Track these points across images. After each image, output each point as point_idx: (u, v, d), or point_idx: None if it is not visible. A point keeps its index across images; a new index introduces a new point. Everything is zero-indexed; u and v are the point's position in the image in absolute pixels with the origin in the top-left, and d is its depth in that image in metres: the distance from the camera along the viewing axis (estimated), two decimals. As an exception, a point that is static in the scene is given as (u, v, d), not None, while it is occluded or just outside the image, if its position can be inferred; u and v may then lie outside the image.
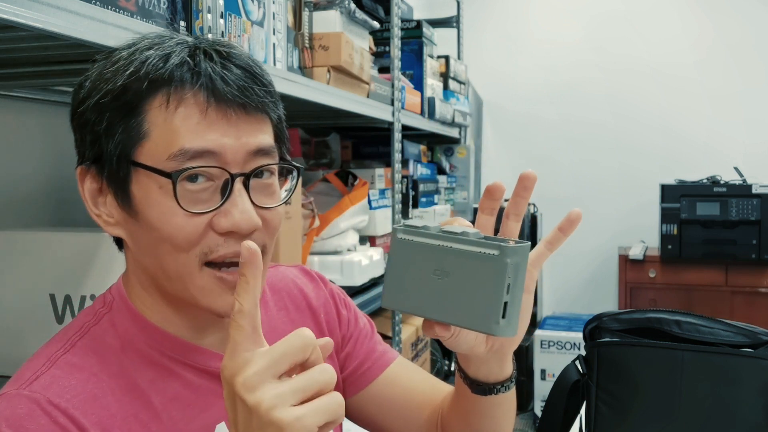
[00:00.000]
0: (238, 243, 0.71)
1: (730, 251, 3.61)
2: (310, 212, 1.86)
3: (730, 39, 4.02)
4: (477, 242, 0.65)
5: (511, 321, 0.64)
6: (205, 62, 0.72)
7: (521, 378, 3.63)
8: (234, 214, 0.72)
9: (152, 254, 0.74)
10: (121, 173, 0.72)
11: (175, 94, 0.71)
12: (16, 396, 0.68)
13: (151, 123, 0.71)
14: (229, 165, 0.72)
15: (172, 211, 0.71)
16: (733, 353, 1.09)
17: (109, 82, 0.72)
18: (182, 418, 0.76)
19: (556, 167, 4.28)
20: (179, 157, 0.70)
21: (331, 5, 1.79)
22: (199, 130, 0.71)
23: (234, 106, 0.72)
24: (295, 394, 0.57)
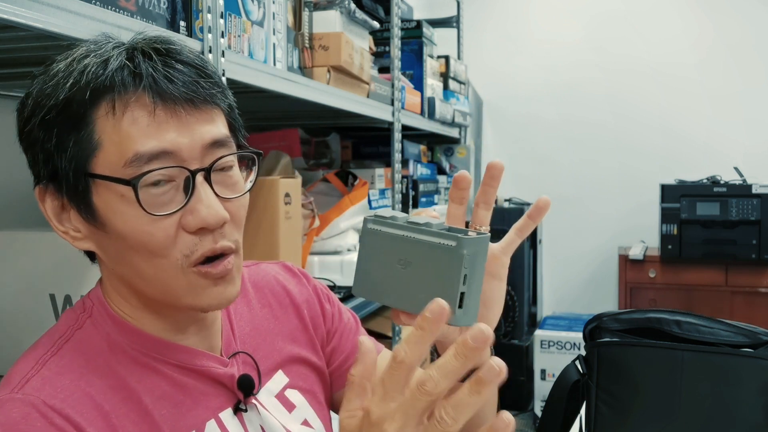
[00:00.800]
0: (213, 239, 0.72)
1: (730, 251, 3.61)
2: (310, 212, 1.86)
3: (730, 39, 4.02)
4: (438, 233, 0.66)
5: (469, 311, 0.65)
6: (145, 63, 0.70)
7: (521, 378, 3.63)
8: (201, 210, 0.71)
9: (126, 263, 0.74)
10: (79, 188, 0.71)
11: (119, 100, 0.69)
12: (8, 400, 0.67)
13: (100, 132, 0.69)
14: (187, 162, 0.71)
15: (139, 219, 0.70)
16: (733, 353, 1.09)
17: (51, 97, 0.70)
18: (172, 416, 0.75)
19: (556, 167, 4.28)
20: (135, 163, 0.69)
21: (331, 5, 1.79)
22: (149, 132, 0.69)
23: (181, 102, 0.70)
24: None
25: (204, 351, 0.81)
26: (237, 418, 0.81)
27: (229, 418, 0.80)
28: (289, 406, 0.88)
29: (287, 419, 0.86)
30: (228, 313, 0.88)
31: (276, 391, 0.88)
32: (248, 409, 0.82)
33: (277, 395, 0.88)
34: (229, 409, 0.81)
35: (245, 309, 0.92)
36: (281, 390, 0.89)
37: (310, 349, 0.95)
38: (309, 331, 0.96)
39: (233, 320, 0.88)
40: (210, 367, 0.80)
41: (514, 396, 3.63)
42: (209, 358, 0.81)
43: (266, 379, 0.87)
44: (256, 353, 0.87)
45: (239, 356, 0.85)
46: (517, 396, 3.64)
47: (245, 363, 0.85)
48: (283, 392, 0.89)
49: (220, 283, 0.74)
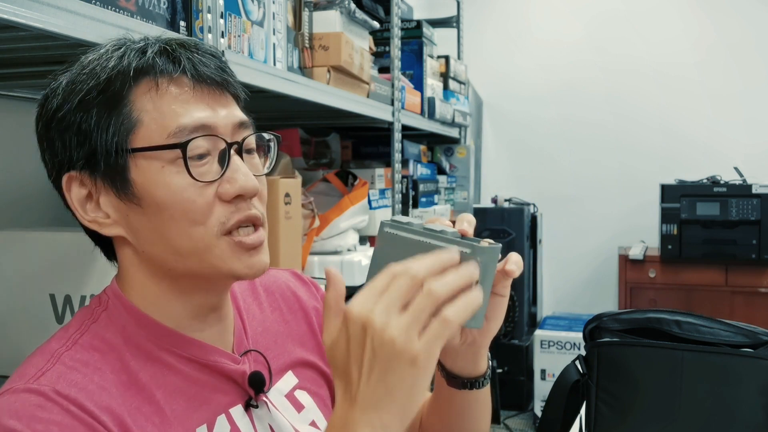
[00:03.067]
0: (247, 207, 0.77)
1: (730, 251, 3.61)
2: (310, 212, 1.86)
3: (730, 39, 4.02)
4: (453, 240, 0.69)
5: (477, 315, 0.68)
6: (180, 50, 0.77)
7: (521, 378, 3.63)
8: (238, 179, 0.76)
9: (160, 239, 0.76)
10: (119, 164, 0.74)
11: (162, 79, 0.75)
12: (23, 390, 0.68)
13: (140, 110, 0.74)
14: (222, 135, 0.77)
15: (181, 187, 0.74)
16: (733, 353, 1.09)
17: (88, 80, 0.74)
18: (184, 411, 0.76)
19: (556, 167, 4.28)
20: (178, 134, 0.74)
21: (331, 5, 1.79)
22: (189, 108, 0.75)
23: (215, 86, 0.77)
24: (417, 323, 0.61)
25: (217, 347, 0.82)
26: (247, 414, 0.82)
27: (240, 415, 0.81)
28: (298, 406, 0.89)
29: (296, 419, 0.87)
30: (240, 312, 0.89)
31: (286, 391, 0.89)
32: (259, 406, 0.83)
33: (286, 395, 0.89)
34: (240, 405, 0.82)
35: (257, 310, 0.93)
36: (291, 390, 0.90)
37: (318, 355, 0.97)
38: (317, 337, 0.97)
39: (245, 319, 0.89)
40: (222, 363, 0.81)
41: (514, 396, 3.63)
42: (222, 354, 0.82)
43: (276, 378, 0.88)
44: (267, 353, 0.88)
45: (251, 354, 0.86)
46: (517, 396, 3.64)
47: (257, 361, 0.86)
48: (292, 392, 0.90)
49: (254, 253, 0.78)
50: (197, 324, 0.81)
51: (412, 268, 0.63)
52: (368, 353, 0.61)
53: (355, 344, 0.62)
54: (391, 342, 0.60)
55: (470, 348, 0.83)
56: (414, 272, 0.62)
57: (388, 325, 0.60)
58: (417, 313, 0.61)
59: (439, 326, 0.61)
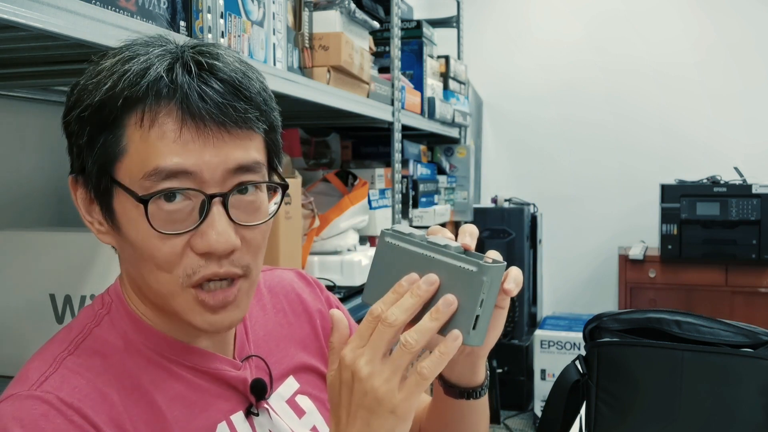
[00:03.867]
0: (218, 263, 0.72)
1: (730, 251, 3.61)
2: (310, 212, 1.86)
3: (730, 39, 4.02)
4: (457, 256, 0.69)
5: (480, 332, 0.69)
6: (183, 76, 0.69)
7: (521, 378, 3.63)
8: (210, 236, 0.70)
9: (136, 269, 0.75)
10: (102, 188, 0.72)
11: (149, 112, 0.69)
12: (27, 397, 0.68)
13: (129, 139, 0.70)
14: (206, 184, 0.70)
15: (149, 232, 0.70)
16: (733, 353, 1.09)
17: (90, 95, 0.71)
18: (185, 417, 0.76)
19: (556, 167, 4.28)
20: (153, 177, 0.69)
21: (331, 5, 1.79)
22: (174, 148, 0.69)
23: (210, 123, 0.69)
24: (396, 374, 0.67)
25: (217, 354, 0.81)
26: (248, 421, 0.82)
27: (240, 422, 0.81)
28: (299, 411, 0.89)
29: (297, 425, 0.87)
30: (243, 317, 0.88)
31: (287, 397, 0.88)
32: (260, 413, 0.83)
33: (287, 400, 0.88)
34: (241, 412, 0.81)
35: (260, 313, 0.92)
36: (292, 395, 0.89)
37: (320, 359, 0.96)
38: (320, 340, 0.97)
39: (248, 324, 0.89)
40: (223, 369, 0.80)
41: (514, 396, 3.63)
42: (222, 360, 0.81)
43: (278, 384, 0.87)
44: (269, 358, 0.87)
45: (252, 360, 0.85)
46: (517, 396, 3.64)
47: (258, 367, 0.85)
48: (293, 398, 0.89)
49: (218, 310, 0.74)
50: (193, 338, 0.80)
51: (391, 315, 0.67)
52: (355, 399, 0.67)
53: (345, 389, 0.68)
54: (374, 391, 0.66)
55: (468, 358, 0.83)
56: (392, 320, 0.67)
57: (372, 376, 0.66)
58: (396, 365, 0.67)
59: (415, 380, 0.66)
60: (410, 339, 0.66)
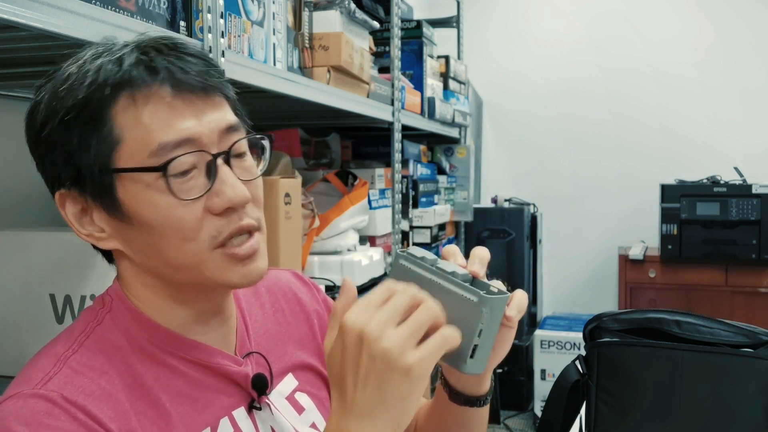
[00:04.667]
0: (238, 217, 0.75)
1: (730, 251, 3.61)
2: (310, 212, 1.86)
3: (730, 39, 4.02)
4: (462, 285, 0.70)
5: (479, 361, 0.70)
6: (158, 57, 0.73)
7: (521, 378, 3.63)
8: (226, 191, 0.74)
9: (155, 253, 0.75)
10: (104, 184, 0.73)
11: (139, 93, 0.71)
12: (32, 395, 0.68)
13: (121, 127, 0.71)
14: (207, 147, 0.74)
15: (168, 206, 0.72)
16: (733, 353, 1.09)
17: (68, 98, 0.71)
18: (189, 414, 0.76)
19: (556, 167, 4.28)
20: (160, 152, 0.71)
21: (331, 5, 1.79)
22: (170, 122, 0.72)
23: (197, 91, 0.74)
24: (414, 335, 0.63)
25: (219, 349, 0.82)
26: (249, 417, 0.82)
27: (242, 417, 0.81)
28: (298, 408, 0.89)
29: (297, 421, 0.87)
30: (243, 314, 0.89)
31: (286, 393, 0.89)
32: (262, 408, 0.83)
33: (287, 397, 0.89)
34: (243, 407, 0.82)
35: (259, 311, 0.93)
36: (291, 392, 0.90)
37: (317, 358, 0.97)
38: (317, 340, 0.98)
39: (248, 321, 0.89)
40: (225, 365, 0.81)
41: (514, 396, 3.63)
42: (224, 356, 0.82)
43: (277, 381, 0.88)
44: (268, 355, 0.88)
45: (253, 356, 0.86)
46: (517, 396, 3.64)
47: (258, 363, 0.86)
48: (293, 395, 0.90)
49: (248, 262, 0.76)
50: (200, 327, 0.81)
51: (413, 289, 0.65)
52: (363, 363, 0.63)
53: (351, 354, 0.64)
54: (386, 353, 0.62)
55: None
56: (414, 292, 0.65)
57: (382, 337, 0.62)
58: (415, 326, 0.63)
59: (437, 341, 0.63)
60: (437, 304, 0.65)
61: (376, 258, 2.07)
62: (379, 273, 2.11)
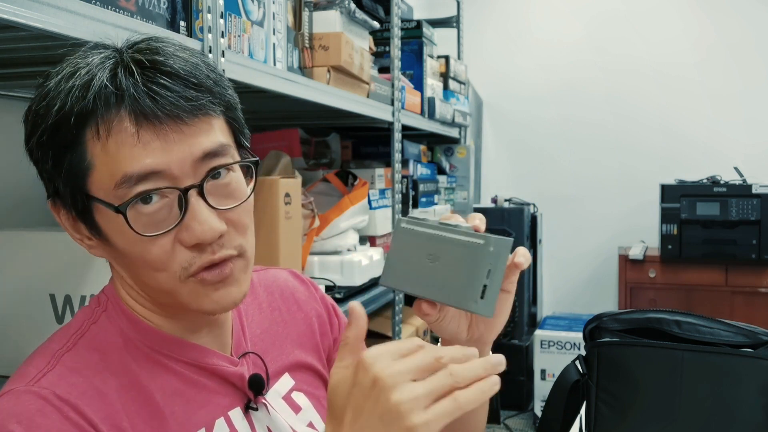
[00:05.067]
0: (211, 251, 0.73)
1: (730, 251, 3.61)
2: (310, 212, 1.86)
3: (730, 39, 4.02)
4: (467, 233, 0.74)
5: (489, 302, 0.72)
6: (127, 79, 0.68)
7: (521, 378, 3.63)
8: (195, 228, 0.71)
9: (133, 273, 0.76)
10: (80, 206, 0.73)
11: (102, 124, 0.68)
12: (24, 393, 0.69)
13: (91, 154, 0.70)
14: (178, 179, 0.70)
15: (135, 238, 0.71)
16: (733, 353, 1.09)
17: (43, 119, 0.70)
18: (183, 413, 0.76)
19: (556, 167, 4.28)
20: (125, 184, 0.69)
21: (331, 5, 1.79)
22: (136, 153, 0.68)
23: (166, 120, 0.69)
24: (428, 396, 0.59)
25: (215, 350, 0.82)
26: (246, 417, 0.82)
27: (238, 417, 0.81)
28: (295, 408, 0.89)
29: (294, 420, 0.87)
30: (239, 314, 0.89)
31: (283, 393, 0.89)
32: (258, 408, 0.83)
33: (284, 397, 0.89)
34: (239, 408, 0.82)
35: (256, 311, 0.93)
36: (288, 392, 0.90)
37: (315, 357, 0.97)
38: (315, 339, 0.98)
39: (244, 321, 0.89)
40: (220, 365, 0.81)
41: (514, 396, 3.63)
42: (220, 357, 0.82)
43: (274, 381, 0.88)
44: (265, 355, 0.88)
45: (249, 357, 0.86)
46: (517, 396, 3.64)
47: (254, 364, 0.86)
48: (289, 394, 0.90)
49: (221, 287, 0.75)
50: (192, 334, 0.81)
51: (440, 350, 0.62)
52: (369, 406, 0.60)
53: (359, 393, 0.62)
54: (396, 406, 0.59)
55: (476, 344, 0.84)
56: (440, 354, 0.62)
57: (397, 388, 0.59)
58: (432, 387, 0.60)
59: (449, 405, 0.59)
60: (460, 371, 0.60)
61: (376, 258, 2.07)
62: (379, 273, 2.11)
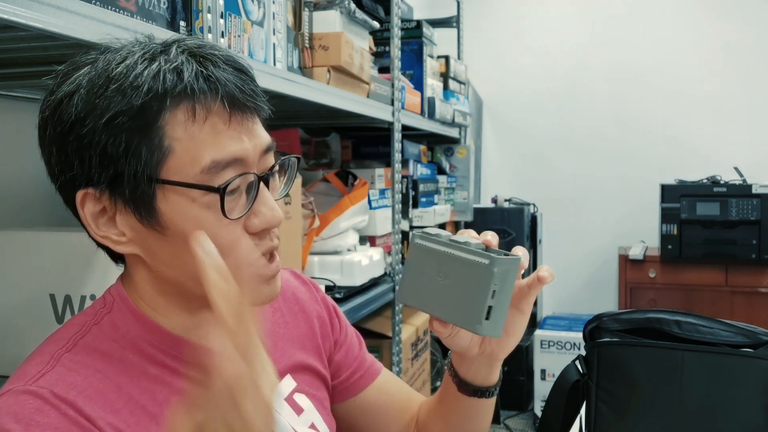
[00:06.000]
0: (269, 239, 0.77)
1: (730, 251, 3.61)
2: (310, 212, 1.86)
3: (731, 40, 4.02)
4: (474, 252, 0.74)
5: (496, 324, 0.73)
6: (216, 70, 0.72)
7: (521, 378, 3.63)
8: (265, 213, 0.75)
9: (180, 265, 0.74)
10: (146, 192, 0.71)
11: (200, 107, 0.70)
12: (23, 392, 0.68)
13: (172, 138, 0.70)
14: (251, 167, 0.74)
15: (211, 223, 0.72)
16: (733, 353, 1.09)
17: (116, 100, 0.69)
18: None
19: (556, 167, 4.28)
20: (213, 170, 0.71)
21: (331, 5, 1.79)
22: (225, 140, 0.71)
23: (250, 111, 0.74)
24: None
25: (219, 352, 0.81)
26: None
27: None
28: (297, 409, 0.89)
29: (296, 422, 0.87)
30: None
31: (285, 395, 0.89)
32: None
33: (286, 398, 0.89)
34: None
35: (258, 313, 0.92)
36: (290, 393, 0.90)
37: (317, 358, 0.97)
38: (317, 340, 0.98)
39: None
40: None
41: (514, 396, 3.63)
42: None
43: None
44: None
45: None
46: (517, 396, 3.64)
47: None
48: (291, 396, 0.90)
49: (272, 282, 0.78)
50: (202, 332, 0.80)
51: None
52: None
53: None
54: None
55: (487, 359, 0.87)
56: None
57: None
58: None
59: None
60: None
61: (376, 258, 2.07)
62: (379, 273, 2.11)
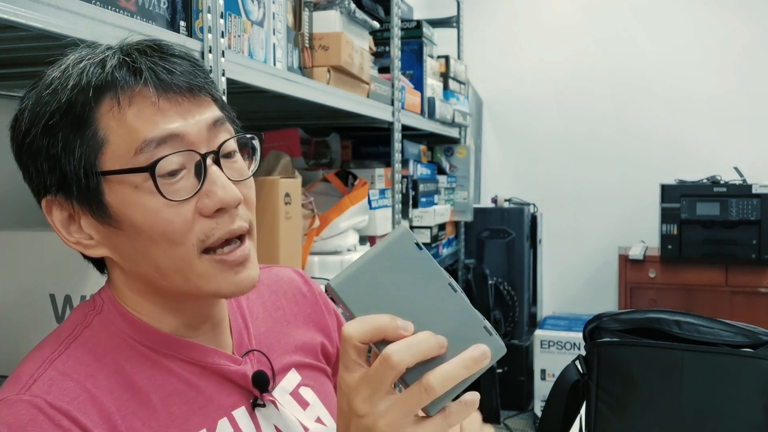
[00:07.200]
0: (230, 220, 0.74)
1: (730, 251, 3.61)
2: (310, 212, 1.86)
3: (731, 40, 4.02)
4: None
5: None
6: (142, 58, 0.72)
7: (521, 378, 3.64)
8: (217, 192, 0.72)
9: (144, 259, 0.74)
10: (90, 188, 0.72)
11: (123, 94, 0.71)
12: (16, 402, 0.68)
13: (105, 129, 0.71)
14: (195, 145, 0.73)
15: (156, 207, 0.71)
16: (733, 353, 1.09)
17: (51, 102, 0.71)
18: (182, 414, 0.76)
19: (556, 166, 4.28)
20: (146, 149, 0.70)
21: (331, 5, 1.79)
22: (155, 120, 0.71)
23: (182, 91, 0.73)
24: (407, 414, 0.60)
25: (215, 348, 0.81)
26: (251, 416, 0.81)
27: (243, 416, 0.80)
28: (303, 403, 0.89)
29: (303, 416, 0.87)
30: (242, 312, 0.89)
31: (290, 389, 0.89)
32: (266, 405, 0.83)
33: (291, 393, 0.88)
34: (243, 407, 0.81)
35: (260, 309, 0.93)
36: (295, 388, 0.89)
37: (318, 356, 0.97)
38: (318, 337, 0.98)
39: (248, 319, 0.89)
40: (222, 364, 0.80)
41: (514, 396, 3.63)
42: (221, 355, 0.81)
43: (280, 377, 0.88)
44: (270, 352, 0.88)
45: (253, 354, 0.85)
46: (517, 396, 3.64)
47: (259, 361, 0.86)
48: (297, 390, 0.89)
49: (240, 270, 0.75)
50: (191, 332, 0.80)
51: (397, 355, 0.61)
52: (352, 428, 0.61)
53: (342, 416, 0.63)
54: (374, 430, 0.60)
55: None
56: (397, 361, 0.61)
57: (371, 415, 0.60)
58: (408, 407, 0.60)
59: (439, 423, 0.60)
60: (434, 383, 0.59)
61: (376, 258, 2.07)
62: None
